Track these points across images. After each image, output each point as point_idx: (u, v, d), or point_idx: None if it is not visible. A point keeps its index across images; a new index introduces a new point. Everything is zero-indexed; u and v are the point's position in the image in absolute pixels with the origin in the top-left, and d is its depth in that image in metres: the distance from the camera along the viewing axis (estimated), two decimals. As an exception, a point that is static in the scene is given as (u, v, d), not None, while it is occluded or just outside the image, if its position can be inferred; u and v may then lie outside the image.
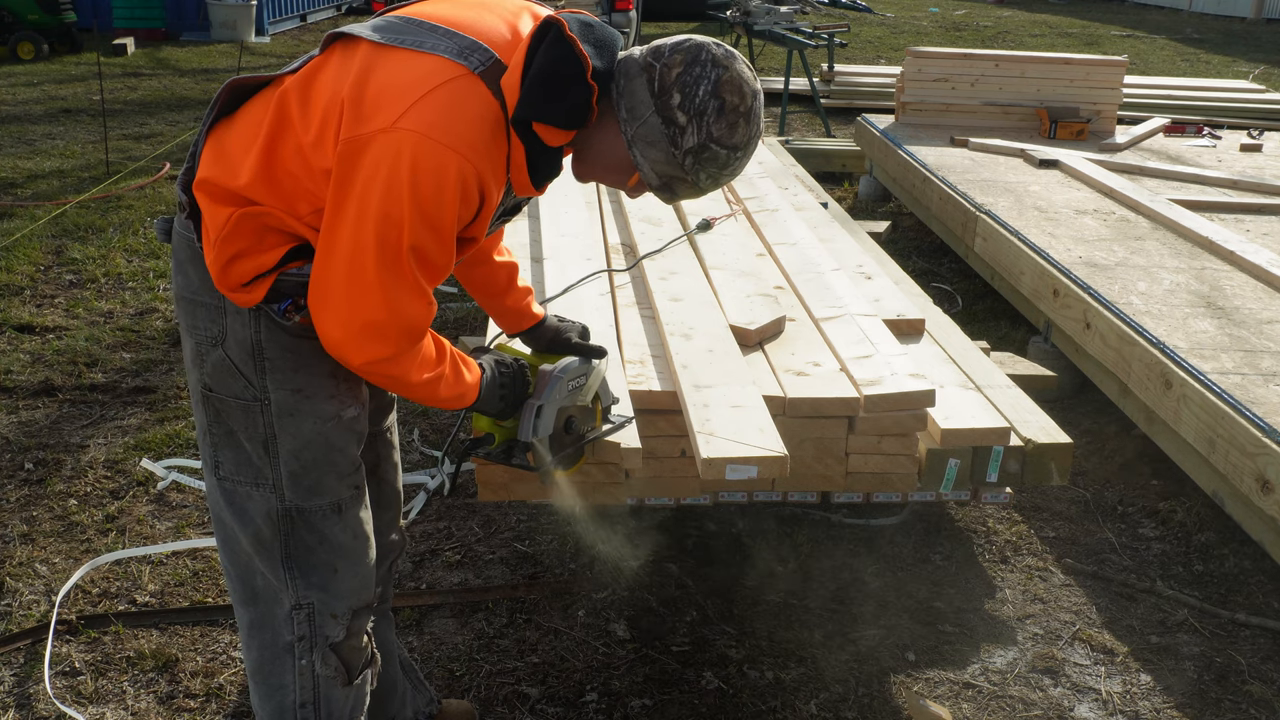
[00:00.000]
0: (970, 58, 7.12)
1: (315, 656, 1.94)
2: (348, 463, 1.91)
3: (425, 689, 2.47)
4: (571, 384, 2.11)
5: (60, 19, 12.25)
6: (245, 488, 1.87)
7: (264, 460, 1.85)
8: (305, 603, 1.91)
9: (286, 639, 1.93)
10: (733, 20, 10.16)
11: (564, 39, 1.70)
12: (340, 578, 1.93)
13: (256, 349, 1.79)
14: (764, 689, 2.70)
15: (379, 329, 1.69)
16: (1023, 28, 17.60)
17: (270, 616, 1.93)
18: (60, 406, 4.10)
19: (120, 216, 6.37)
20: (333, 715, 1.99)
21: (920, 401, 2.68)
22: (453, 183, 1.64)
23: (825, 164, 7.49)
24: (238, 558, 1.94)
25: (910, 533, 3.39)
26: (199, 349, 1.83)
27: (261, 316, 1.78)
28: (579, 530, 3.22)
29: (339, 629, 1.95)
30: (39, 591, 3.01)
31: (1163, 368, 3.37)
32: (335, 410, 1.86)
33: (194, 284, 1.81)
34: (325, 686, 1.96)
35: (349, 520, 1.93)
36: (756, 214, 4.10)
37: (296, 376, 1.82)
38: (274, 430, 1.83)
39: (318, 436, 1.85)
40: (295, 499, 1.87)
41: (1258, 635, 2.97)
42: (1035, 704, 2.69)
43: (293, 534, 1.88)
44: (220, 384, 1.83)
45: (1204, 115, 8.42)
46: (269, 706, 1.97)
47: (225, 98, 1.79)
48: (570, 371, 2.10)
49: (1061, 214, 5.04)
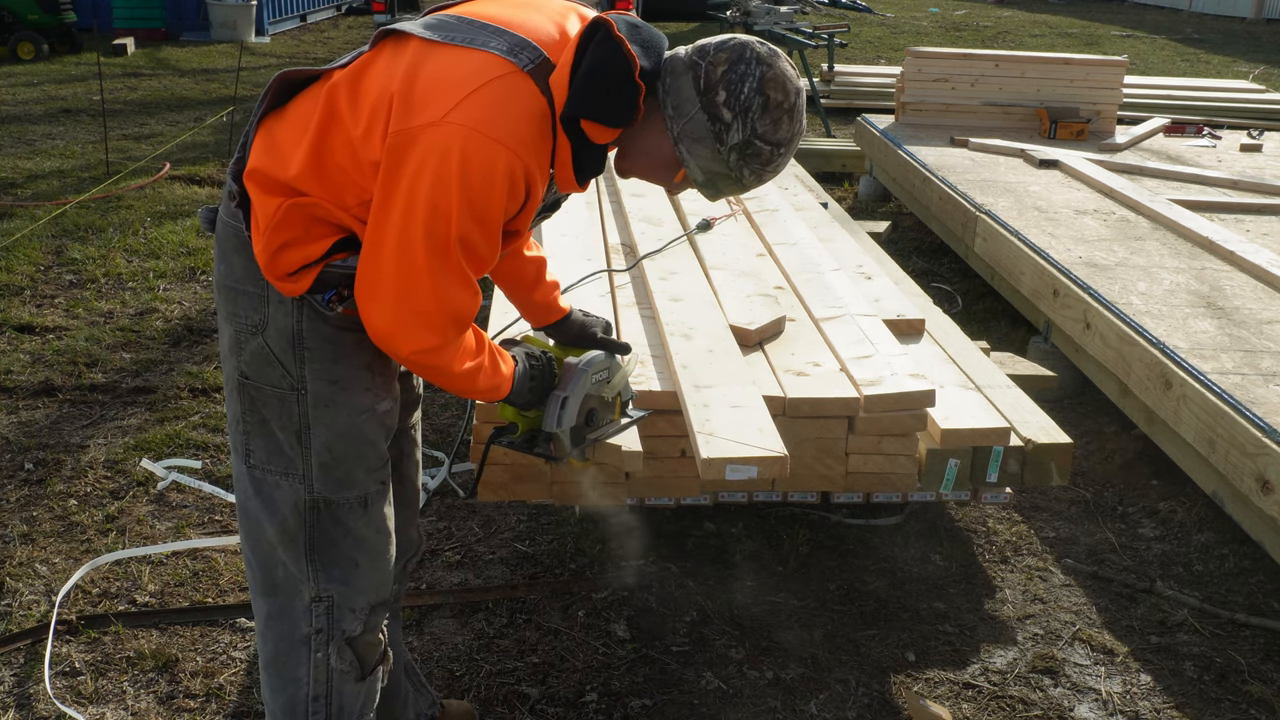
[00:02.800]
0: (970, 58, 7.12)
1: (331, 650, 1.95)
2: (377, 457, 1.94)
3: (427, 691, 2.47)
4: (596, 378, 2.14)
5: (60, 19, 12.24)
6: (275, 477, 1.89)
7: (295, 450, 1.87)
8: (325, 596, 1.93)
9: (304, 631, 1.93)
10: (733, 20, 10.16)
11: (612, 38, 1.73)
12: (361, 572, 1.94)
13: (297, 339, 1.82)
14: (764, 689, 2.70)
15: (428, 318, 1.72)
16: (1023, 28, 17.60)
17: (289, 608, 1.94)
18: (60, 406, 4.10)
19: (120, 216, 6.37)
20: (344, 710, 1.99)
21: (920, 401, 2.69)
22: (501, 177, 1.67)
23: (825, 164, 7.49)
24: (260, 547, 1.94)
25: (910, 533, 3.39)
26: (238, 337, 1.86)
27: (304, 306, 1.81)
28: (588, 519, 3.23)
29: (356, 623, 1.96)
30: (39, 591, 3.01)
31: (1163, 368, 3.38)
32: (370, 403, 1.88)
33: (237, 272, 1.84)
34: (339, 681, 1.97)
35: (374, 515, 1.95)
36: (756, 214, 4.10)
37: (335, 368, 1.85)
38: (308, 421, 1.85)
39: (351, 429, 1.88)
40: (324, 490, 1.89)
41: (1258, 635, 2.97)
42: (1035, 704, 2.69)
43: (318, 526, 1.90)
44: (257, 372, 1.85)
45: (1204, 115, 8.42)
46: (280, 698, 1.97)
47: (275, 90, 1.83)
48: (595, 365, 2.13)
49: (1061, 214, 5.04)
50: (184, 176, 7.34)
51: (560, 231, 3.74)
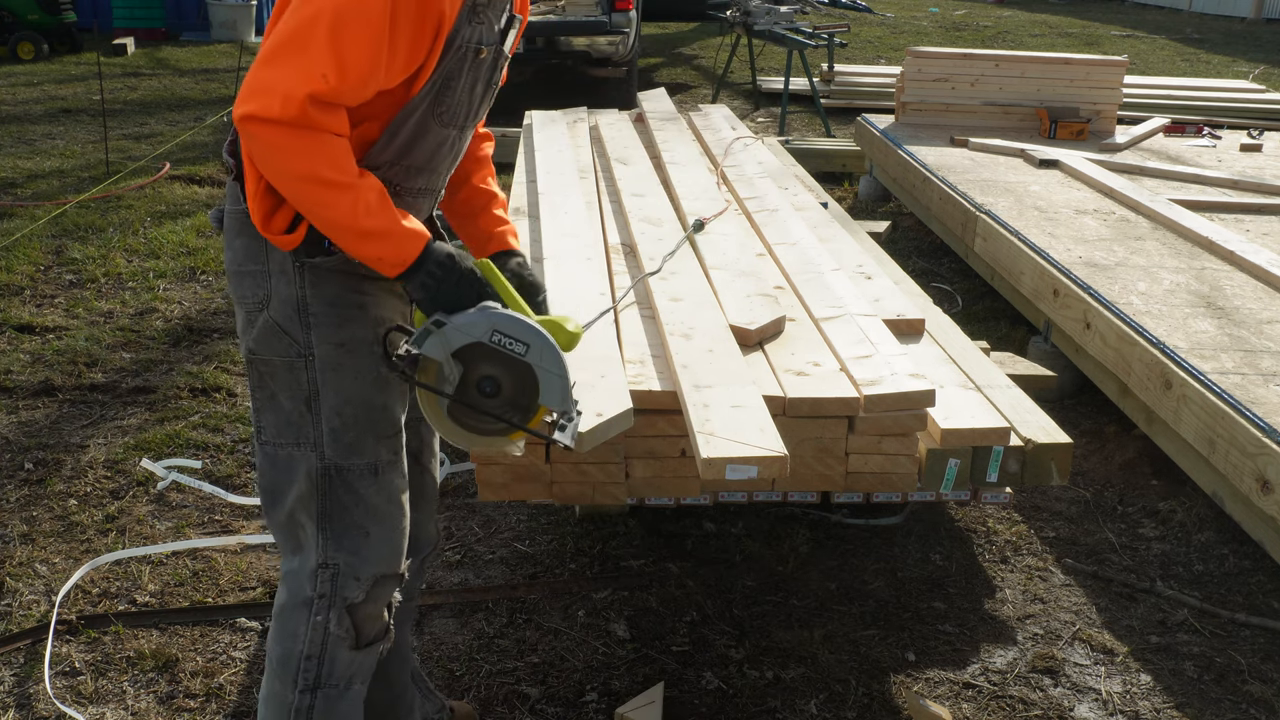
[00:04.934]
0: (970, 58, 7.12)
1: (331, 616, 1.99)
2: (388, 423, 1.97)
3: (435, 696, 2.47)
4: (498, 338, 1.85)
5: (60, 19, 12.24)
6: (287, 449, 1.94)
7: (305, 418, 1.92)
8: (332, 563, 1.97)
9: (308, 593, 1.99)
10: (733, 20, 10.15)
11: None
12: (372, 542, 1.98)
13: (302, 306, 1.88)
14: (764, 689, 2.70)
15: (251, 83, 1.70)
16: (1023, 28, 17.60)
17: (301, 569, 2.00)
18: (60, 406, 4.10)
19: (120, 216, 6.37)
20: (333, 675, 2.03)
21: (920, 401, 2.68)
22: None
23: (825, 164, 7.49)
24: (278, 517, 2.00)
25: (910, 533, 3.39)
26: (249, 317, 1.91)
27: (306, 273, 1.86)
28: (588, 519, 3.22)
29: (359, 592, 1.99)
30: (39, 591, 3.01)
31: (1163, 368, 3.38)
32: (375, 365, 1.92)
33: (239, 255, 1.90)
34: (333, 645, 2.01)
35: (384, 484, 1.98)
36: (756, 214, 4.10)
37: (340, 331, 1.89)
38: (317, 387, 1.90)
39: (358, 393, 1.92)
40: (335, 457, 1.93)
41: (1258, 635, 2.98)
42: (1035, 704, 2.69)
43: (330, 494, 1.94)
44: (265, 346, 1.90)
45: (1204, 115, 8.41)
46: (279, 649, 2.04)
47: None
48: (506, 320, 1.85)
49: (1061, 214, 5.04)
50: (184, 176, 7.34)
51: (561, 231, 3.74)
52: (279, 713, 2.02)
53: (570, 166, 4.61)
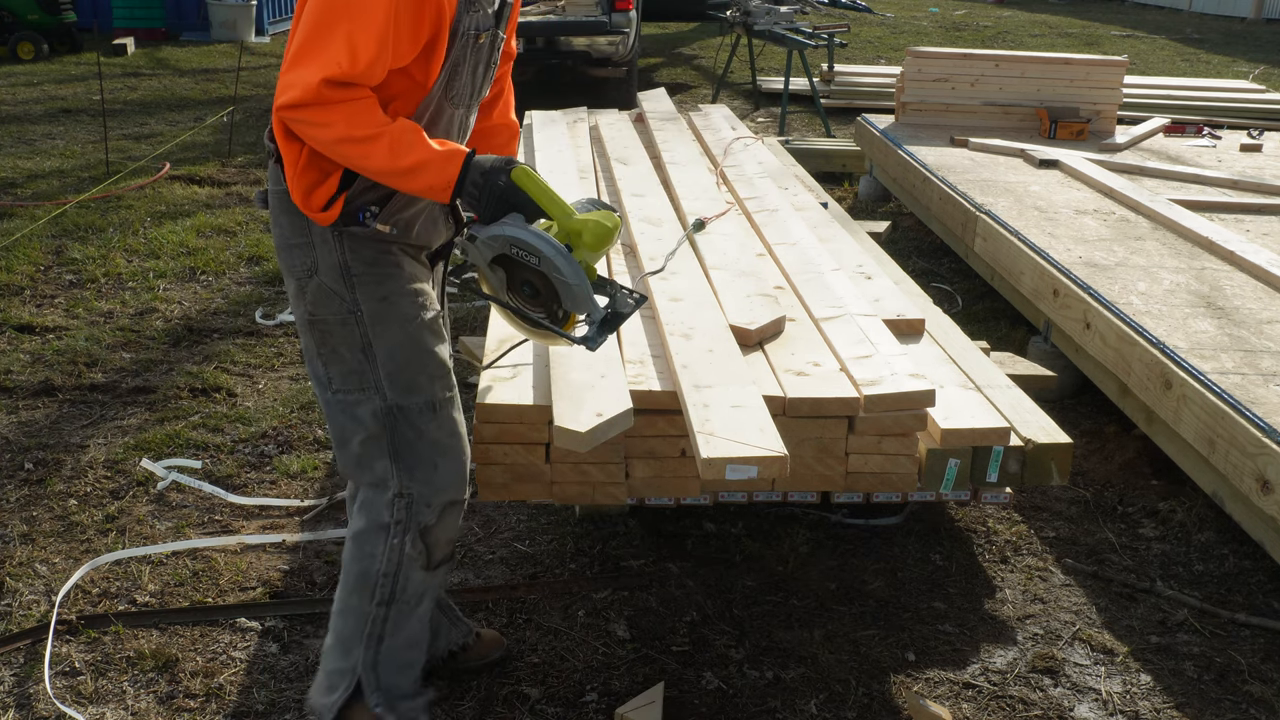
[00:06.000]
0: (970, 58, 7.12)
1: (408, 539, 2.24)
2: (437, 364, 2.23)
3: (462, 623, 2.68)
4: (515, 250, 2.05)
5: (60, 19, 12.24)
6: (354, 394, 2.20)
7: (365, 365, 2.18)
8: (407, 492, 2.23)
9: (385, 519, 2.24)
10: (733, 20, 10.15)
11: None
12: (440, 473, 2.24)
13: (344, 269, 2.14)
14: (764, 689, 2.70)
15: (282, 82, 1.95)
16: (1023, 28, 17.60)
17: (378, 499, 2.24)
18: (60, 406, 4.10)
19: (120, 216, 6.37)
20: (406, 590, 2.27)
21: (920, 401, 2.68)
22: None
23: (825, 164, 7.49)
24: (350, 456, 2.24)
25: (910, 533, 3.39)
26: (300, 285, 2.18)
27: (344, 239, 2.13)
28: (588, 519, 3.21)
29: (432, 516, 2.24)
30: (39, 591, 3.01)
31: (1163, 368, 3.38)
32: (416, 313, 2.19)
33: (285, 231, 2.17)
34: (408, 565, 2.26)
35: (443, 419, 2.24)
36: (756, 214, 4.10)
37: (381, 287, 2.16)
38: (370, 338, 2.17)
39: (406, 338, 2.18)
40: (395, 397, 2.19)
41: (1258, 635, 2.97)
42: (1035, 704, 2.69)
43: (396, 430, 2.20)
44: (321, 308, 2.17)
45: (1204, 115, 8.42)
46: (356, 568, 2.27)
47: None
48: (519, 233, 2.04)
49: (1061, 214, 5.04)
50: (184, 176, 7.34)
51: (560, 231, 3.74)
52: (357, 623, 2.28)
53: (570, 166, 4.61)
